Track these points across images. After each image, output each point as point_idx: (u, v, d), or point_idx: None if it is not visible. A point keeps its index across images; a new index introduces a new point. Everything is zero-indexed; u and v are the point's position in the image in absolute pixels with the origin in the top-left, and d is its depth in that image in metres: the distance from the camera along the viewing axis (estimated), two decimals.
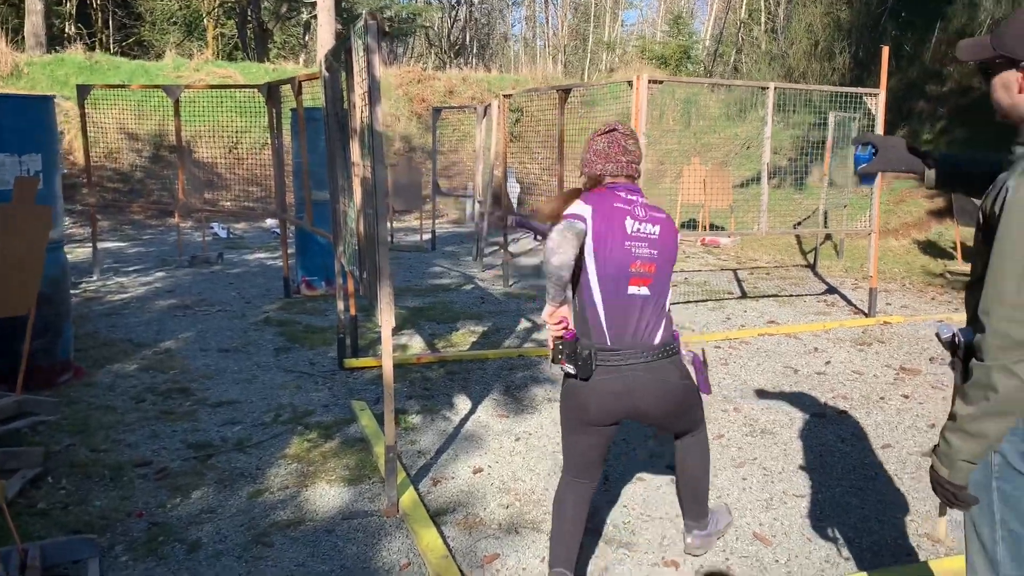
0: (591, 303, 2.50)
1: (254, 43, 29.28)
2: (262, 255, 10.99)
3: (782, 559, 3.04)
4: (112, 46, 27.93)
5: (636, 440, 4.21)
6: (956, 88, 13.26)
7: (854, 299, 8.21)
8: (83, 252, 10.36)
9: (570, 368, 2.50)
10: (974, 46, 1.83)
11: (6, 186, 4.47)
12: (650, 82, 6.40)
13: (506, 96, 9.16)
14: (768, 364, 5.76)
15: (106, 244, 11.52)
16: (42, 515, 3.28)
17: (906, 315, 7.43)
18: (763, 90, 7.21)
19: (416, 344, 6.24)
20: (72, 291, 7.50)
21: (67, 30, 27.09)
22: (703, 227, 11.94)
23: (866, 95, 7.33)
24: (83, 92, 8.75)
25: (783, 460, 4.00)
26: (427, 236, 12.48)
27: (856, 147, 2.30)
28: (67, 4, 27.52)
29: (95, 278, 8.71)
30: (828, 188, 10.50)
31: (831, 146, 10.04)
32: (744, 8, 26.72)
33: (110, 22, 29.91)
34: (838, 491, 3.63)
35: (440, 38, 40.93)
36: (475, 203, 11.84)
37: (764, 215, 7.05)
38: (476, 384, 5.19)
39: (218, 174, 15.42)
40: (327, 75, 4.71)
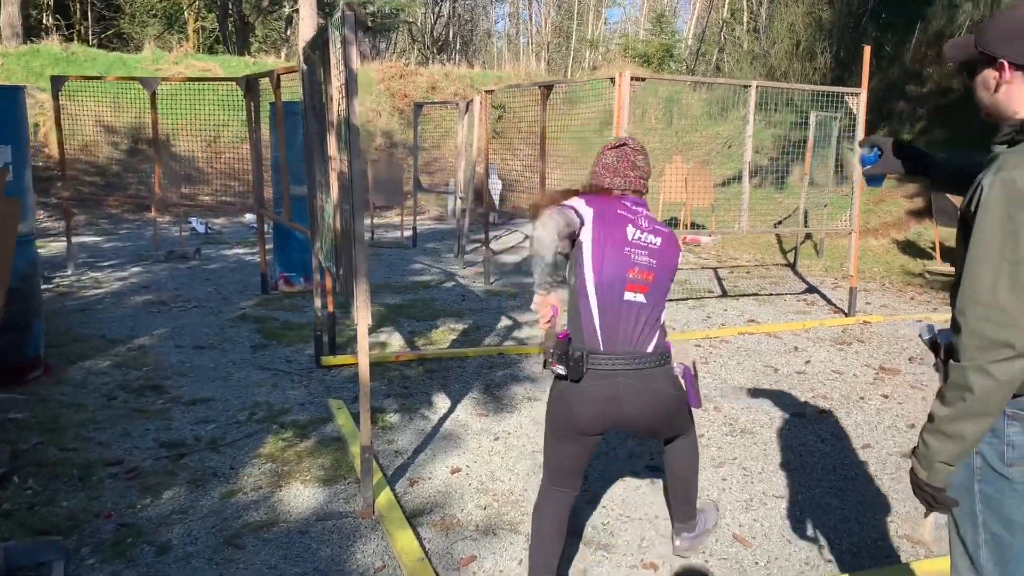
0: (586, 306, 2.47)
1: (235, 37, 29.02)
2: (240, 250, 10.87)
3: (762, 561, 3.01)
4: (91, 38, 27.52)
5: (615, 439, 4.17)
6: (936, 89, 13.35)
7: (834, 298, 8.22)
8: (58, 246, 10.19)
9: (560, 369, 2.46)
10: (959, 45, 1.85)
11: None
12: (632, 79, 6.36)
13: (488, 92, 9.10)
14: (748, 363, 5.75)
15: (82, 238, 11.35)
16: (6, 516, 3.19)
17: (886, 315, 7.45)
18: (745, 89, 7.19)
19: (395, 342, 6.18)
20: (45, 286, 7.38)
21: (44, 21, 26.67)
22: (684, 226, 11.94)
23: (848, 94, 7.34)
24: (57, 83, 8.60)
25: (763, 460, 3.98)
26: (408, 233, 12.41)
27: (862, 149, 2.30)
28: None
29: (69, 273, 8.57)
30: (809, 187, 10.53)
31: (812, 145, 10.06)
32: (727, 7, 26.81)
33: (89, 14, 29.48)
34: (818, 492, 3.62)
35: (423, 34, 40.76)
36: (456, 200, 11.77)
37: (745, 214, 7.04)
38: (455, 383, 5.13)
39: (198, 168, 15.22)
40: (305, 68, 4.63)
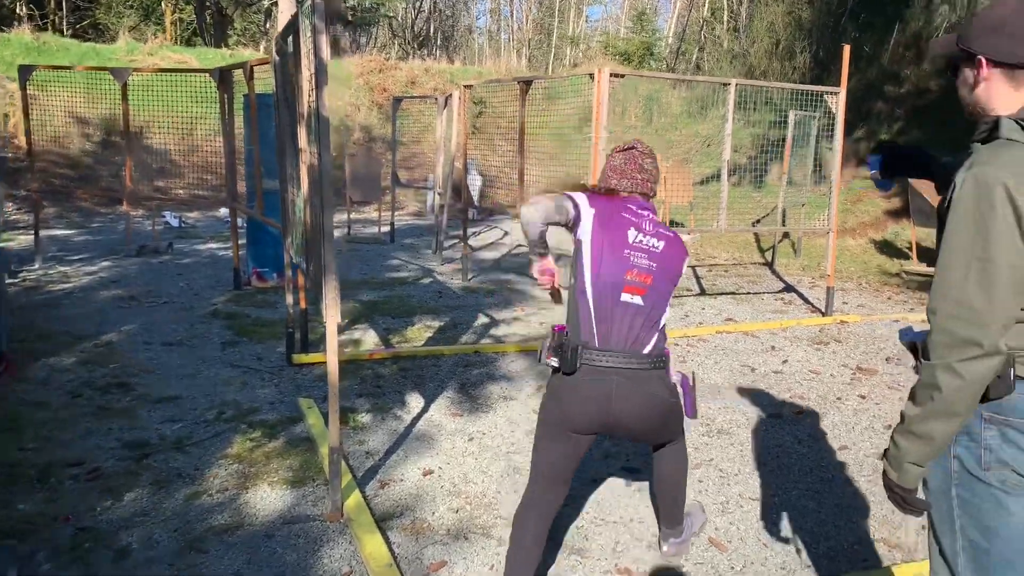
0: (583, 303, 2.48)
1: (213, 29, 28.65)
2: (214, 245, 10.70)
3: (738, 566, 2.96)
4: (65, 28, 27.06)
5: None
6: (913, 90, 13.44)
7: (811, 298, 8.22)
8: (26, 239, 9.98)
9: (554, 361, 2.48)
10: (943, 42, 1.84)
11: None
12: (612, 75, 6.30)
13: (467, 87, 9.01)
14: (726, 362, 5.72)
15: (52, 231, 11.14)
16: None
17: (862, 314, 7.46)
18: (724, 87, 7.16)
19: (369, 339, 6.08)
20: (11, 280, 7.22)
21: (17, 10, 26.17)
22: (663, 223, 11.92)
23: (827, 93, 7.33)
24: (25, 73, 8.40)
25: (740, 462, 3.93)
26: (386, 228, 12.28)
27: (871, 156, 2.31)
28: None
29: (36, 267, 8.37)
30: (787, 186, 10.54)
31: (791, 144, 10.06)
32: (707, 6, 26.87)
33: (63, 3, 28.98)
34: (795, 494, 3.57)
35: (404, 28, 40.53)
36: (435, 195, 11.66)
37: (723, 212, 7.01)
38: (430, 381, 5.05)
39: (172, 161, 14.99)
40: (277, 59, 4.52)
